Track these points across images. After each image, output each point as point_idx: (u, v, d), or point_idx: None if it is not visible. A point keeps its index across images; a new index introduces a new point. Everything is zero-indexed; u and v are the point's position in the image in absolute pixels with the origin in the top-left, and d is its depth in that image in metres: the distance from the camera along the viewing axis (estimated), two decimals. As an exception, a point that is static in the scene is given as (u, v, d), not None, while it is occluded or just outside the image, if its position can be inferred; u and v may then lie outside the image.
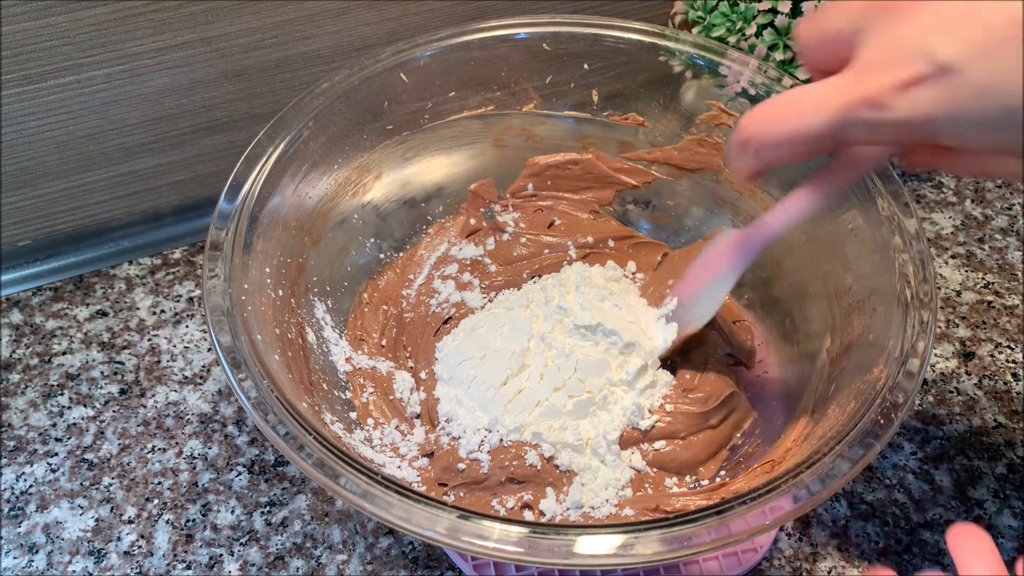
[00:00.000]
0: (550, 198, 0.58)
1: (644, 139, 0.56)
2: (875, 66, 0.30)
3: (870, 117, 0.30)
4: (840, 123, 0.31)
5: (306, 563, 0.47)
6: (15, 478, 0.50)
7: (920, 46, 0.28)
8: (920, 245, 0.43)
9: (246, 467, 0.51)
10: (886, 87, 0.29)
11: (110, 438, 0.52)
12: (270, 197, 0.46)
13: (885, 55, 0.29)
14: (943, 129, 0.29)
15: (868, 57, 0.30)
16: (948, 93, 0.28)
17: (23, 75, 0.52)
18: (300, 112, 0.49)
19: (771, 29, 0.54)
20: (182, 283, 0.60)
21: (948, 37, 0.28)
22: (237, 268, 0.43)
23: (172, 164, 0.61)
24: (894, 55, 0.29)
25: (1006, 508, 0.49)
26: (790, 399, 0.47)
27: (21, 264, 0.61)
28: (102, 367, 0.56)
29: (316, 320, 0.50)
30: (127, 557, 0.47)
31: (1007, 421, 0.52)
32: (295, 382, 0.43)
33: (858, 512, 0.49)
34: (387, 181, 0.55)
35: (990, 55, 0.27)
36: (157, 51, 0.54)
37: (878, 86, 0.29)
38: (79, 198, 0.60)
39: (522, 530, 0.34)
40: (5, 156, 0.55)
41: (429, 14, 0.60)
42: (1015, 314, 0.58)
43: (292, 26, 0.57)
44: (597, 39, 0.53)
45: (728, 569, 0.45)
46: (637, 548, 0.34)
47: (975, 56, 0.27)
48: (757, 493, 0.35)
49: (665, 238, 0.58)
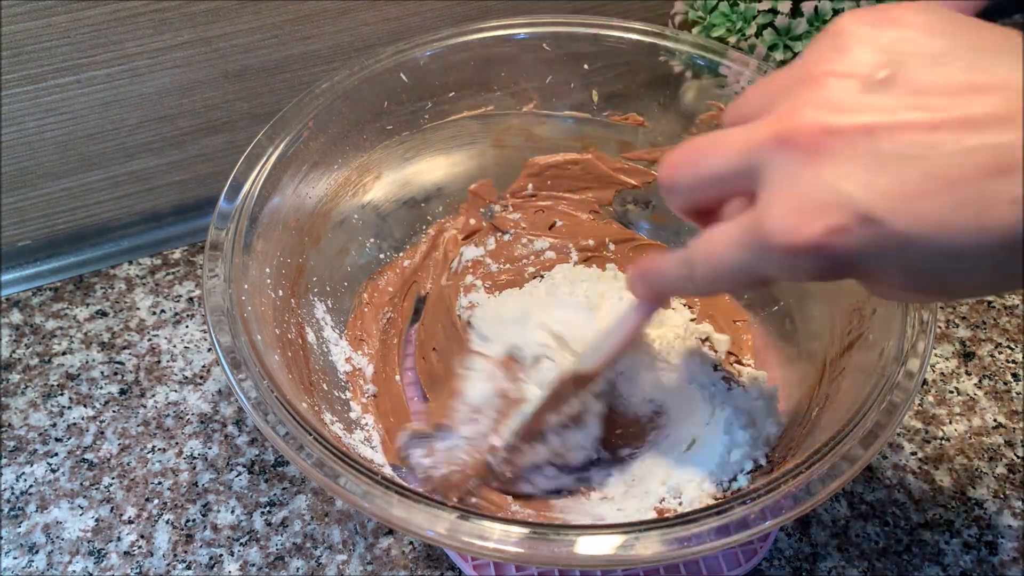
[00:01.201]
0: (550, 198, 0.58)
1: (644, 139, 0.56)
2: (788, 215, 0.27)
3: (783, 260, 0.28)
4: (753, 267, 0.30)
5: (306, 563, 0.47)
6: (15, 478, 0.50)
7: (840, 193, 0.26)
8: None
9: (246, 467, 0.51)
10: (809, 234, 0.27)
11: (110, 438, 0.52)
12: (270, 197, 0.46)
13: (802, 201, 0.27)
14: (863, 270, 0.28)
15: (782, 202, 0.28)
16: (870, 240, 0.26)
17: (23, 75, 0.52)
18: (300, 112, 0.49)
19: (771, 29, 0.54)
20: (182, 283, 0.60)
21: (866, 186, 0.26)
22: (237, 268, 0.43)
23: (172, 164, 0.61)
24: (813, 201, 0.27)
25: (1006, 508, 0.49)
26: (790, 399, 0.47)
27: (21, 264, 0.61)
28: (102, 367, 0.56)
29: (316, 320, 0.50)
30: (127, 557, 0.47)
31: (1007, 421, 0.53)
32: (295, 382, 0.43)
33: (858, 512, 0.49)
34: (387, 181, 0.55)
35: (909, 206, 0.26)
36: (157, 51, 0.54)
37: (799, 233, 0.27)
38: (79, 198, 0.60)
39: (522, 530, 0.34)
40: (5, 156, 0.55)
41: (429, 14, 0.60)
42: (1015, 314, 0.58)
43: (292, 26, 0.57)
44: (597, 39, 0.53)
45: (728, 569, 0.45)
46: (637, 548, 0.34)
47: (894, 208, 0.26)
48: (757, 493, 0.35)
49: (665, 238, 0.58)
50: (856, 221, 0.26)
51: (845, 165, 0.26)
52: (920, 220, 0.26)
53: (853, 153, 0.26)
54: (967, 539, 0.48)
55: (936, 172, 0.25)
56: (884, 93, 0.27)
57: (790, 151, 0.28)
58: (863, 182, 0.26)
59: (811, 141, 0.27)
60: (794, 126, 0.28)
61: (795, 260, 0.28)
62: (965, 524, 0.48)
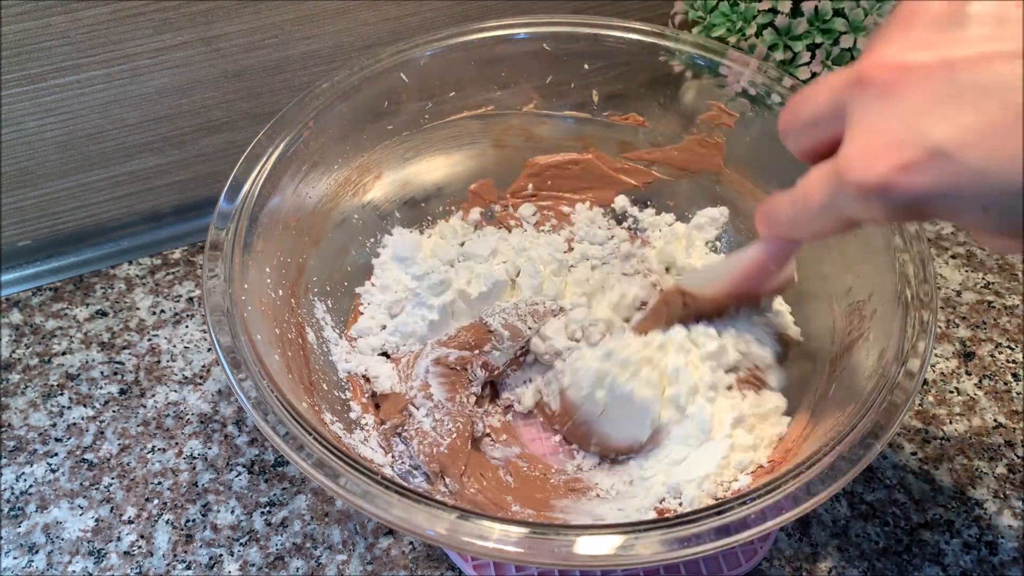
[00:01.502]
0: (550, 198, 0.58)
1: (644, 139, 0.56)
2: (866, 149, 0.28)
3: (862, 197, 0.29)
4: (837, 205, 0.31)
5: (306, 563, 0.47)
6: (15, 478, 0.50)
7: (912, 128, 0.26)
8: (920, 245, 0.43)
9: (246, 467, 0.51)
10: (880, 172, 0.27)
11: (110, 438, 0.52)
12: (270, 197, 0.46)
13: (875, 137, 0.28)
14: (938, 211, 0.28)
15: (857, 140, 0.29)
16: (943, 178, 0.26)
17: (23, 75, 0.52)
18: (300, 112, 0.49)
19: (771, 29, 0.54)
20: (182, 283, 0.60)
21: (941, 119, 0.26)
22: (237, 268, 0.43)
23: (172, 164, 0.61)
24: (885, 138, 0.27)
25: (1006, 508, 0.49)
26: (790, 399, 0.47)
27: (21, 264, 0.61)
28: (102, 367, 0.56)
29: (316, 320, 0.50)
30: (127, 557, 0.47)
31: (1007, 421, 0.53)
32: (295, 382, 0.43)
33: (858, 512, 0.49)
34: (387, 181, 0.55)
35: (986, 140, 0.25)
36: (157, 51, 0.54)
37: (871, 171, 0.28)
38: (79, 198, 0.60)
39: (522, 530, 0.34)
40: (5, 156, 0.55)
41: (429, 14, 0.60)
42: (1015, 314, 0.58)
43: (292, 26, 0.57)
44: (597, 39, 0.53)
45: (728, 569, 0.45)
46: (637, 548, 0.34)
47: (970, 142, 0.25)
48: (757, 493, 0.35)
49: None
50: (927, 157, 0.26)
51: (919, 100, 0.26)
52: (996, 154, 0.25)
53: (928, 88, 0.26)
54: (967, 539, 0.48)
55: (1014, 102, 0.25)
56: (959, 28, 0.26)
57: (867, 90, 0.28)
58: (936, 116, 0.26)
59: (886, 78, 0.27)
60: (872, 65, 0.28)
61: (868, 198, 0.28)
62: (965, 524, 0.48)
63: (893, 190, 0.27)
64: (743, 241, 0.54)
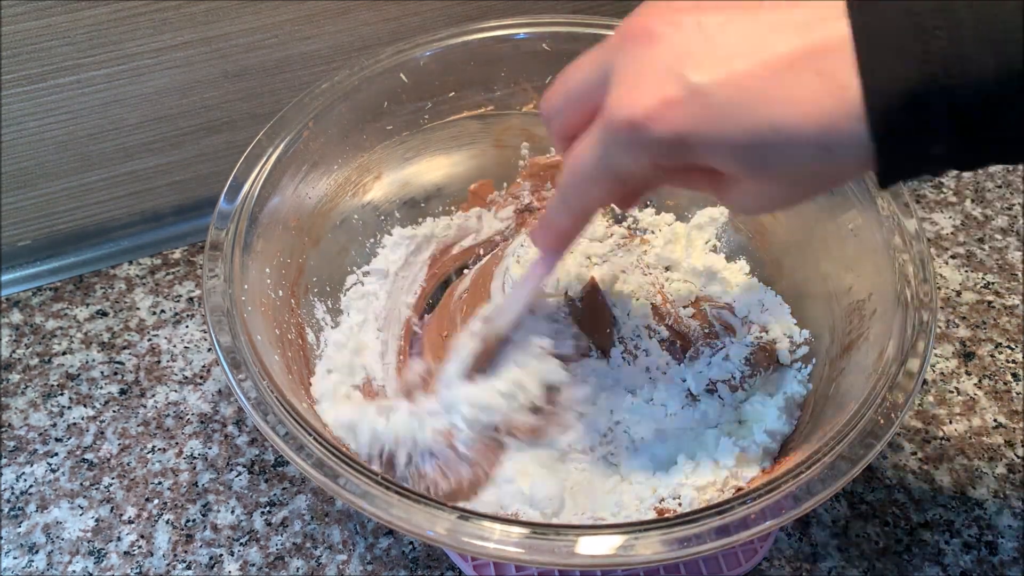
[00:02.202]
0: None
1: (644, 139, 0.56)
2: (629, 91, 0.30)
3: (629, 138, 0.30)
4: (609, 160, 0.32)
5: (306, 563, 0.47)
6: (15, 478, 0.50)
7: (673, 71, 0.29)
8: (920, 245, 0.43)
9: (246, 467, 0.51)
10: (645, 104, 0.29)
11: (110, 438, 0.52)
12: (270, 197, 0.46)
13: (640, 78, 0.30)
14: (697, 149, 0.29)
15: (623, 84, 0.30)
16: (699, 112, 0.28)
17: (23, 75, 0.52)
18: (300, 112, 0.49)
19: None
20: (182, 283, 0.60)
21: (697, 63, 0.28)
22: (237, 268, 0.43)
23: (172, 164, 0.61)
24: (649, 79, 0.29)
25: (1006, 508, 0.49)
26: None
27: (21, 264, 0.61)
28: (102, 367, 0.56)
29: (316, 320, 0.50)
30: (127, 557, 0.47)
31: (1007, 421, 0.53)
32: (295, 382, 0.43)
33: (858, 512, 0.49)
34: (387, 181, 0.55)
35: (735, 81, 0.28)
36: (157, 51, 0.54)
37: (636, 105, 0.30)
38: (79, 198, 0.60)
39: (522, 530, 0.34)
40: (5, 156, 0.55)
41: (429, 14, 0.60)
42: (1015, 314, 0.58)
43: (292, 26, 0.57)
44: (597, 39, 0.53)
45: (728, 569, 0.45)
46: (637, 548, 0.34)
47: (721, 81, 0.28)
48: (757, 493, 0.35)
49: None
50: (687, 92, 0.29)
51: (680, 44, 0.29)
52: (742, 91, 0.28)
53: (687, 32, 0.29)
54: (967, 539, 0.48)
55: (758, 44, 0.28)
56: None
57: (631, 43, 0.31)
58: (693, 57, 0.29)
59: (650, 28, 0.30)
60: (635, 21, 0.31)
61: (638, 136, 0.30)
62: (965, 524, 0.48)
63: (657, 123, 0.29)
64: (743, 240, 0.54)
